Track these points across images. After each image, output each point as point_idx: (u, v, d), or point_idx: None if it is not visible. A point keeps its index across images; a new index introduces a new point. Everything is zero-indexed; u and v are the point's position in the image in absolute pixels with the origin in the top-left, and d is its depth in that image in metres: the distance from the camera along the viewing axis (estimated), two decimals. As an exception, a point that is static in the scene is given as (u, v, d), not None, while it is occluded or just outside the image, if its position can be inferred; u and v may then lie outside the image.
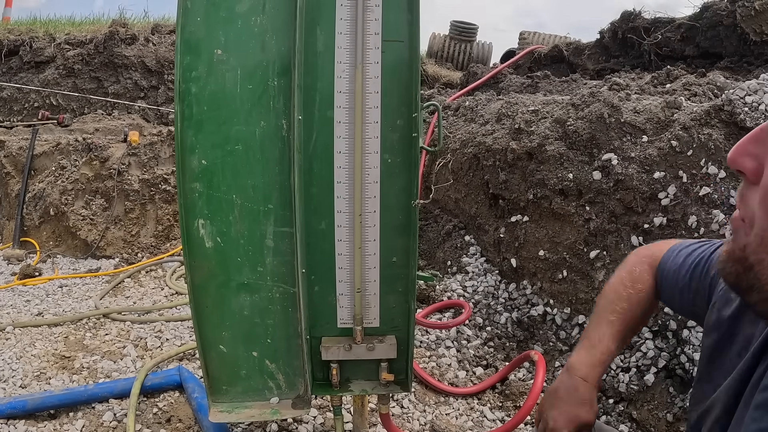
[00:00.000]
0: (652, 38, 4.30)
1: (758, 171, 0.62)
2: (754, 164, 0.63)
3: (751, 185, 0.64)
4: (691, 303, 1.06)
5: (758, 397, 0.70)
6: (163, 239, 4.62)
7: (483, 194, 3.37)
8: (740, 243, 0.65)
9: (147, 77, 6.83)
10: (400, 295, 1.50)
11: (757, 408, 0.69)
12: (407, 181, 1.41)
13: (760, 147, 0.63)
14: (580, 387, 1.14)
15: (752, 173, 0.63)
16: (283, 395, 1.62)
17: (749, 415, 0.70)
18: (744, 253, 0.64)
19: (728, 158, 0.66)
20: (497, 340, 2.83)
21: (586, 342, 1.21)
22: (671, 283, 1.11)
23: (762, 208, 0.61)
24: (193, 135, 1.40)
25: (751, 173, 0.63)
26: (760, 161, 0.62)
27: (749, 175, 0.63)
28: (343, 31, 1.37)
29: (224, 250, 1.45)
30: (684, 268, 1.08)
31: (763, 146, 0.63)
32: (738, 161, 0.64)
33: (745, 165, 0.63)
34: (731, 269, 0.67)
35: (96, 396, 2.33)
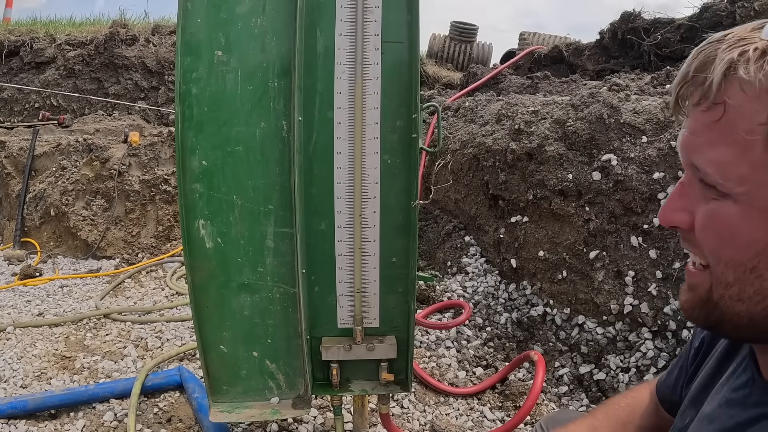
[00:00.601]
0: (652, 39, 4.30)
1: (691, 220, 0.69)
2: (686, 216, 0.69)
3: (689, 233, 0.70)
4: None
5: (734, 395, 0.74)
6: (164, 240, 4.63)
7: (483, 195, 3.38)
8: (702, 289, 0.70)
9: (147, 78, 6.84)
10: (400, 296, 1.51)
11: (733, 405, 0.73)
12: (407, 182, 1.42)
13: (687, 200, 0.69)
14: None
15: (688, 224, 0.69)
16: (284, 395, 1.63)
17: (726, 412, 0.74)
18: (709, 294, 0.69)
19: (661, 220, 0.72)
20: (497, 340, 2.83)
21: None
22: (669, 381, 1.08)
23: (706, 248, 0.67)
24: (193, 136, 1.40)
25: (687, 225, 0.69)
26: (691, 210, 0.69)
27: (686, 227, 0.69)
28: (343, 32, 1.38)
29: (225, 251, 1.45)
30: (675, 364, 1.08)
31: (688, 198, 0.69)
32: (672, 218, 0.71)
33: (679, 219, 0.70)
34: (699, 314, 0.72)
35: (97, 396, 2.34)
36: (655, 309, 2.41)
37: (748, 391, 0.72)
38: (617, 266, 2.53)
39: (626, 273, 2.49)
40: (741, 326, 0.68)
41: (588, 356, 2.60)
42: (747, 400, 0.72)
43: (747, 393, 0.72)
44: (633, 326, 2.50)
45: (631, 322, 2.50)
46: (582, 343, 2.62)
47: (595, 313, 2.62)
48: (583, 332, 2.65)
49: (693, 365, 0.98)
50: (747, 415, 0.70)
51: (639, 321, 2.45)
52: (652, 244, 2.45)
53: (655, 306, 2.41)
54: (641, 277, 2.46)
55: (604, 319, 2.58)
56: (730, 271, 0.66)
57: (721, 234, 0.65)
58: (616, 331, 2.53)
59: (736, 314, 0.67)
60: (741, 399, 0.73)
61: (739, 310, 0.66)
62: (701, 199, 0.67)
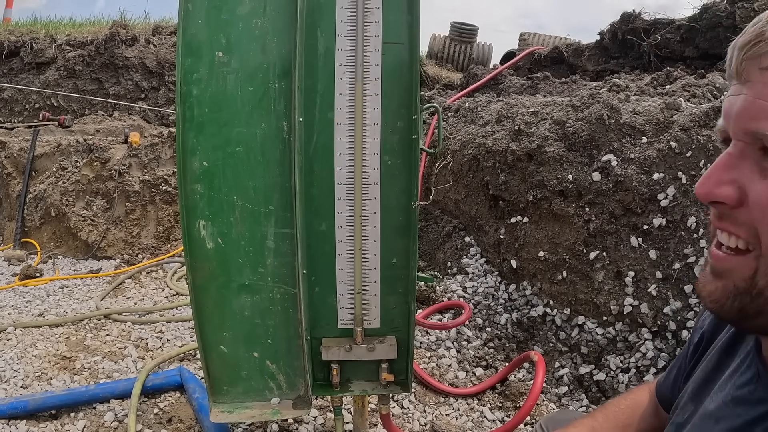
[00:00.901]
0: (652, 39, 4.31)
1: (739, 195, 0.62)
2: (733, 190, 0.63)
3: (734, 210, 0.64)
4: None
5: (739, 392, 0.71)
6: (164, 240, 4.63)
7: (483, 195, 3.38)
8: (741, 275, 0.64)
9: (148, 78, 6.84)
10: (401, 296, 1.51)
11: (739, 403, 0.70)
12: (407, 183, 1.42)
13: (736, 172, 0.63)
14: None
15: (733, 199, 0.63)
16: (284, 396, 1.63)
17: (733, 411, 0.71)
18: (752, 282, 0.63)
19: (701, 194, 0.65)
20: (497, 340, 2.84)
21: None
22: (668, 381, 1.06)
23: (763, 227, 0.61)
24: (194, 137, 1.40)
25: (734, 200, 0.63)
26: (739, 184, 0.62)
27: (731, 203, 0.63)
28: (343, 33, 1.38)
29: (225, 251, 1.45)
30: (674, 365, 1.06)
31: (737, 170, 0.63)
32: (716, 192, 0.64)
33: (725, 194, 0.63)
34: (732, 305, 0.65)
35: (97, 396, 2.34)
36: (655, 309, 2.41)
37: (753, 388, 0.70)
38: (617, 267, 2.53)
39: (626, 273, 2.49)
40: None
41: (588, 357, 2.60)
42: (752, 397, 0.69)
43: (752, 389, 0.70)
44: (633, 327, 2.50)
45: (631, 322, 2.50)
46: (582, 343, 2.63)
47: (595, 314, 2.63)
48: (583, 333, 2.65)
49: (691, 362, 0.95)
50: (755, 412, 0.67)
51: (639, 321, 2.45)
52: (651, 244, 2.45)
53: (654, 306, 2.41)
54: (641, 278, 2.46)
55: (604, 320, 2.58)
56: None
57: None
58: (616, 332, 2.54)
59: None
60: (747, 396, 0.70)
61: None
62: (757, 173, 0.61)
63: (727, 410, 0.72)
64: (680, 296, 2.36)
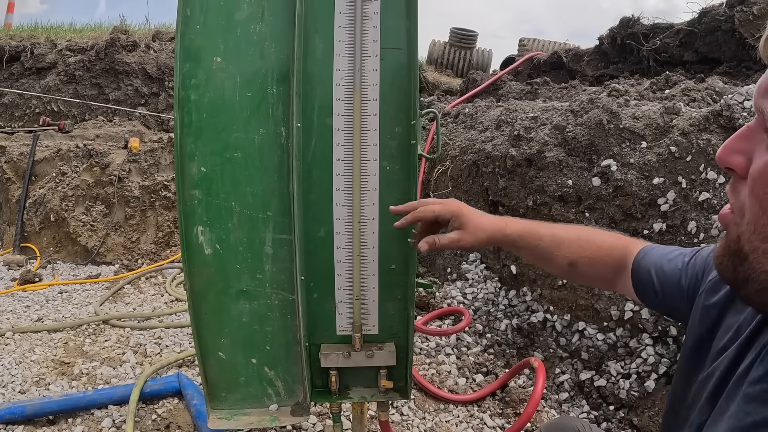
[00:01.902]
0: (651, 44, 4.31)
1: (747, 165, 0.65)
2: (742, 160, 0.66)
3: (740, 180, 0.67)
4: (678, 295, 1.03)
5: (750, 389, 0.69)
6: (163, 246, 4.62)
7: (483, 201, 3.38)
8: (733, 235, 0.68)
9: (148, 84, 6.85)
10: (399, 303, 1.50)
11: (750, 401, 0.69)
12: (406, 189, 1.41)
13: (748, 143, 0.66)
14: (489, 219, 1.24)
15: (742, 169, 0.66)
16: (282, 402, 1.62)
17: (742, 408, 0.69)
18: (738, 244, 0.66)
19: (717, 157, 0.69)
20: (497, 347, 2.83)
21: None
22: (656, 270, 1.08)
23: (751, 197, 0.64)
24: (192, 142, 1.40)
25: (741, 169, 0.66)
26: (749, 156, 0.65)
27: (739, 171, 0.66)
28: (341, 38, 1.38)
29: (223, 257, 1.45)
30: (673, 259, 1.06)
31: (750, 142, 0.65)
32: (727, 159, 0.67)
33: (735, 161, 0.67)
34: (728, 263, 0.69)
35: (95, 402, 2.33)
36: (656, 315, 2.40)
37: (766, 386, 0.68)
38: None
39: (626, 279, 2.48)
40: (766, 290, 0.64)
41: (588, 363, 2.59)
42: (764, 396, 0.67)
43: (765, 388, 0.68)
44: (633, 332, 2.49)
45: (632, 328, 2.49)
46: (582, 349, 2.62)
47: (596, 320, 2.62)
48: (583, 338, 2.64)
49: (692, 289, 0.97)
50: (765, 413, 0.65)
51: (639, 327, 2.44)
52: (652, 250, 2.45)
53: (655, 312, 2.41)
54: (641, 284, 2.45)
55: (605, 326, 2.57)
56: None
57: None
58: (617, 338, 2.53)
59: (765, 272, 0.64)
60: (758, 394, 0.68)
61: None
62: (764, 147, 0.64)
63: (736, 407, 0.70)
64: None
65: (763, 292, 0.65)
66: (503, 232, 1.23)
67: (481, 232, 1.22)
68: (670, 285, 1.04)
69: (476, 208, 1.28)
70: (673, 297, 1.04)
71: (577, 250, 1.21)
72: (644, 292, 1.12)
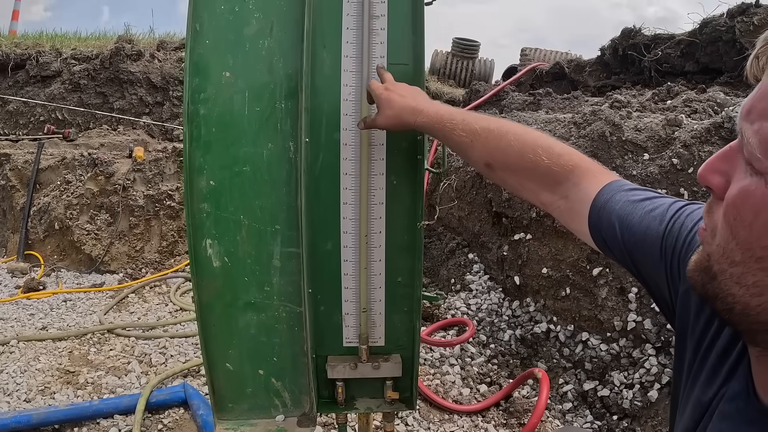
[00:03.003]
0: (653, 55, 4.34)
1: (725, 187, 0.64)
2: (721, 180, 0.64)
3: (717, 200, 0.66)
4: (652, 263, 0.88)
5: (726, 407, 0.70)
6: (168, 255, 4.64)
7: (486, 212, 3.39)
8: (705, 252, 0.67)
9: (152, 93, 6.88)
10: (405, 315, 1.51)
11: (725, 419, 0.69)
12: (412, 202, 1.43)
13: (728, 164, 0.64)
14: (406, 108, 1.20)
15: (720, 189, 0.64)
16: (289, 413, 1.63)
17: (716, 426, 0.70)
18: (709, 263, 0.66)
19: (699, 174, 0.67)
20: (501, 357, 2.83)
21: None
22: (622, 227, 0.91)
23: (724, 220, 0.63)
24: (201, 156, 1.41)
25: (719, 189, 0.65)
26: (728, 178, 0.64)
27: (717, 191, 0.65)
28: (349, 54, 1.39)
29: (231, 270, 1.46)
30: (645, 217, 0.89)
31: (730, 163, 0.64)
32: (707, 178, 0.66)
33: (714, 181, 0.65)
34: (698, 278, 0.68)
35: (101, 412, 2.34)
36: (659, 325, 2.41)
37: (742, 405, 0.68)
38: (620, 283, 2.54)
39: (629, 289, 2.50)
40: (733, 311, 0.64)
41: (592, 373, 2.60)
42: (740, 416, 0.67)
43: (741, 407, 0.68)
44: (637, 342, 2.50)
45: (635, 338, 2.50)
46: (586, 359, 2.62)
47: (599, 330, 2.63)
48: (587, 349, 2.65)
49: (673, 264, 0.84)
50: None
51: (643, 337, 2.45)
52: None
53: (658, 322, 2.41)
54: (644, 294, 2.46)
55: (608, 336, 2.58)
56: (739, 251, 0.61)
57: (742, 212, 0.60)
58: (620, 348, 2.54)
59: (731, 295, 0.63)
60: (734, 413, 0.68)
61: (735, 293, 0.62)
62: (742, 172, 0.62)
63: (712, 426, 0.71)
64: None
65: (730, 312, 0.64)
66: (413, 119, 1.18)
67: (393, 116, 1.20)
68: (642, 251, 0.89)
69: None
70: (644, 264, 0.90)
71: (494, 150, 1.08)
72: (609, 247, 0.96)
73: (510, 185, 1.13)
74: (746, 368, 0.70)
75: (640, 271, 0.93)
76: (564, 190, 1.03)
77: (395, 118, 1.20)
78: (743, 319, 0.63)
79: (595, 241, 1.00)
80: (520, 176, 1.07)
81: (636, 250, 0.90)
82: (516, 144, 1.06)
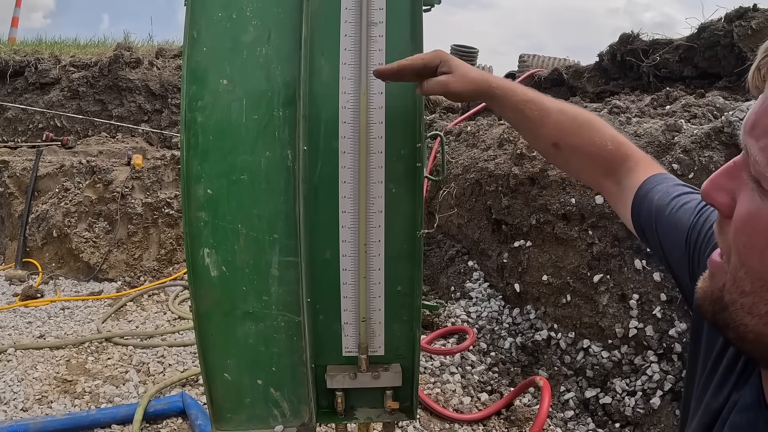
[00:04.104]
0: (651, 60, 4.33)
1: (731, 205, 0.61)
2: (727, 198, 0.61)
3: (726, 219, 0.62)
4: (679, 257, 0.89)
5: (738, 417, 0.68)
6: (166, 263, 4.62)
7: (486, 220, 3.38)
8: (719, 283, 0.63)
9: (151, 101, 6.88)
10: (405, 324, 1.50)
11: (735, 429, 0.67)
12: (412, 211, 1.42)
13: (734, 181, 0.61)
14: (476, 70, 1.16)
15: (726, 207, 0.61)
16: (288, 423, 1.61)
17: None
18: (721, 293, 0.62)
19: (702, 191, 0.64)
20: (502, 365, 2.82)
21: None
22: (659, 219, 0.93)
23: (734, 244, 0.60)
24: (198, 164, 1.40)
25: (725, 207, 0.61)
26: (733, 196, 0.61)
27: (723, 209, 0.62)
28: (347, 61, 1.38)
29: (229, 279, 1.45)
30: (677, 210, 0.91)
31: (736, 180, 0.60)
32: (712, 196, 0.63)
33: (719, 200, 0.62)
34: (708, 307, 0.65)
35: (98, 421, 2.32)
36: (660, 332, 2.40)
37: (753, 417, 0.66)
38: (621, 289, 2.52)
39: (630, 296, 2.48)
40: (746, 340, 0.61)
41: (594, 380, 2.58)
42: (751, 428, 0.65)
43: (753, 419, 0.66)
44: (638, 349, 2.48)
45: (637, 345, 2.48)
46: (587, 366, 2.61)
47: (600, 337, 2.61)
48: (588, 356, 2.63)
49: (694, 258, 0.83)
50: None
51: (644, 344, 2.43)
52: (655, 266, 2.45)
53: (660, 329, 2.40)
54: (646, 300, 2.45)
55: (609, 343, 2.56)
56: (749, 280, 0.58)
57: (752, 238, 0.57)
58: (622, 355, 2.52)
59: (744, 325, 0.60)
60: (745, 424, 0.66)
61: (747, 322, 0.59)
62: (748, 191, 0.59)
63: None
64: (685, 318, 2.35)
65: (742, 341, 0.62)
66: (489, 83, 1.13)
67: (468, 80, 1.13)
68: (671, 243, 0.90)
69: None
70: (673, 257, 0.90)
71: (566, 131, 1.08)
72: (645, 235, 0.98)
73: (572, 167, 1.14)
74: (758, 378, 0.68)
75: (670, 263, 0.92)
76: (619, 177, 1.05)
77: (471, 82, 1.13)
78: (756, 347, 0.61)
79: (635, 229, 1.01)
80: (585, 160, 1.08)
81: (666, 241, 0.91)
82: (587, 128, 1.07)
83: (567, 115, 1.08)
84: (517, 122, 1.16)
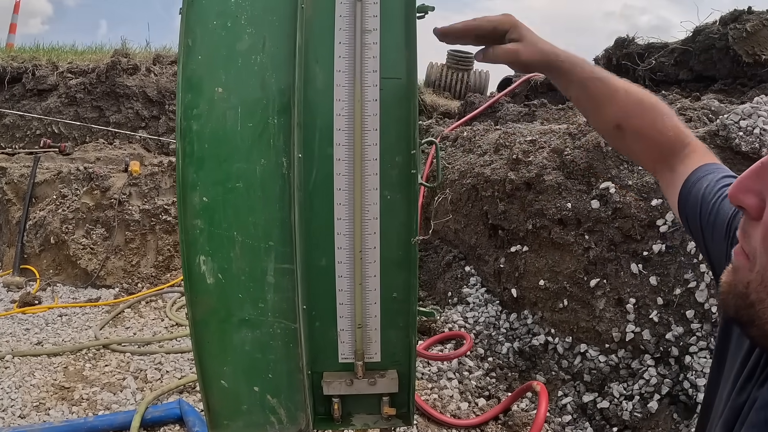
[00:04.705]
0: (646, 63, 4.35)
1: (760, 207, 0.60)
2: (755, 200, 0.60)
3: (753, 221, 0.62)
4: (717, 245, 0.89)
5: (754, 416, 0.67)
6: (164, 270, 4.62)
7: (482, 225, 3.38)
8: (743, 279, 0.63)
9: (148, 107, 6.88)
10: (401, 330, 1.50)
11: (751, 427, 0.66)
12: (407, 217, 1.42)
13: (761, 182, 0.60)
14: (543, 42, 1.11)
15: (754, 209, 0.61)
16: (285, 430, 1.61)
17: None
18: (747, 290, 0.62)
19: (729, 194, 0.63)
20: (499, 370, 2.82)
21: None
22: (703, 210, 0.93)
23: (763, 245, 0.59)
24: (194, 172, 1.40)
25: (754, 209, 0.61)
26: (762, 197, 0.60)
27: (751, 211, 0.61)
28: (341, 68, 1.39)
29: (225, 287, 1.45)
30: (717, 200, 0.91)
31: (763, 180, 0.60)
32: (739, 197, 0.62)
33: (747, 201, 0.61)
34: (732, 302, 0.64)
35: (96, 428, 2.33)
36: (657, 336, 2.40)
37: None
38: (618, 294, 2.53)
39: (627, 300, 2.49)
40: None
41: (591, 385, 2.58)
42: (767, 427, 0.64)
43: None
44: (635, 353, 2.49)
45: (634, 349, 2.49)
46: (585, 371, 2.61)
47: (597, 341, 2.62)
48: (585, 360, 2.64)
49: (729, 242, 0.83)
50: None
51: (641, 348, 2.44)
52: (652, 270, 2.45)
53: (657, 333, 2.41)
54: (642, 304, 2.46)
55: (606, 347, 2.57)
56: None
57: None
58: (619, 359, 2.52)
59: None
60: (762, 423, 0.65)
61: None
62: None
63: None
64: (682, 322, 2.35)
65: (765, 337, 0.61)
66: (557, 56, 1.08)
67: (538, 50, 1.08)
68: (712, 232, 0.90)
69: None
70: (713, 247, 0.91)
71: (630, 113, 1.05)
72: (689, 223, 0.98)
73: (632, 149, 1.11)
74: None
75: (710, 252, 0.92)
76: (674, 163, 1.04)
77: (540, 53, 1.09)
78: None
79: (680, 215, 1.00)
80: (646, 143, 1.07)
81: (708, 229, 0.90)
82: (651, 112, 1.05)
83: (633, 96, 1.06)
84: (580, 100, 1.13)
